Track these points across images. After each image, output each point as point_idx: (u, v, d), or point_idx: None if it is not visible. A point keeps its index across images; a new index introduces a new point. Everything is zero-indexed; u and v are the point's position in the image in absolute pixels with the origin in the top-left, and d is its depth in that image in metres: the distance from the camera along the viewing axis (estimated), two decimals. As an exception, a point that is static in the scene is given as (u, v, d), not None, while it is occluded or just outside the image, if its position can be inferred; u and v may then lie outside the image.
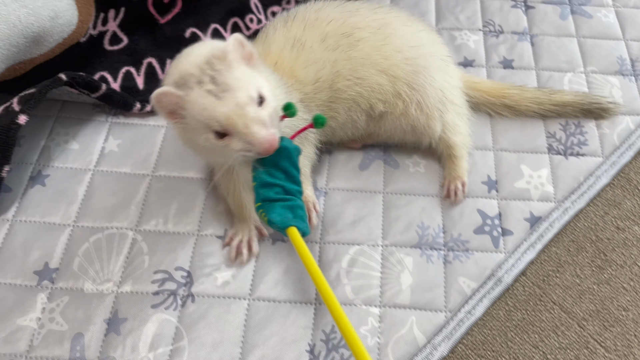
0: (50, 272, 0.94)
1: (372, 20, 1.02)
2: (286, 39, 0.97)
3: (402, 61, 1.00)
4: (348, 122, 1.02)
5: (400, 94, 1.00)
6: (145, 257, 0.96)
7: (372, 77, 0.98)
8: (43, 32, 1.03)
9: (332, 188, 1.06)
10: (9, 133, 0.96)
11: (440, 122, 1.03)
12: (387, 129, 1.04)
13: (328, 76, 0.97)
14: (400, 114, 1.01)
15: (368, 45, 0.99)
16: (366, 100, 1.00)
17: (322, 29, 0.98)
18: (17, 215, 1.00)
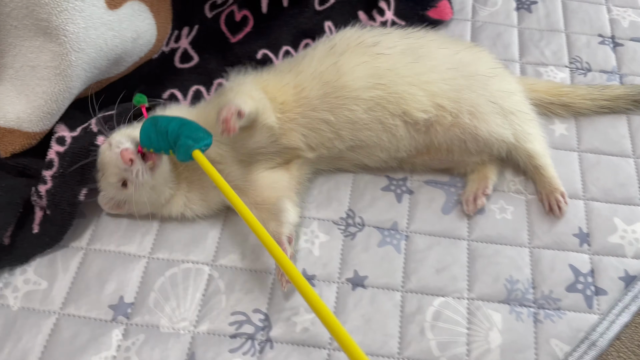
0: (125, 306, 0.91)
1: (400, 42, 1.02)
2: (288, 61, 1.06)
3: (438, 81, 0.98)
4: (376, 125, 0.98)
5: (443, 106, 0.97)
6: (222, 296, 0.92)
7: (398, 86, 0.97)
8: (124, 53, 1.00)
9: (414, 231, 1.01)
10: (88, 154, 0.93)
11: (510, 129, 1.00)
12: (440, 140, 1.00)
13: (319, 75, 0.98)
14: (451, 125, 0.98)
15: (393, 60, 0.98)
16: (395, 106, 0.97)
17: (331, 43, 1.02)
18: (92, 243, 0.97)
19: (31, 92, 0.91)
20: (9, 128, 0.94)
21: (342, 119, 0.97)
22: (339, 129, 0.98)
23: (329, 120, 0.97)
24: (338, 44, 1.03)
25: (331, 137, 0.99)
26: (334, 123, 0.98)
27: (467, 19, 1.32)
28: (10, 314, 0.89)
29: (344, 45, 1.02)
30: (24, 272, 0.93)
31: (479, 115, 0.99)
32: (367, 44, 1.02)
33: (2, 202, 0.92)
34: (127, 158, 0.85)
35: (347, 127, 0.98)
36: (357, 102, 0.97)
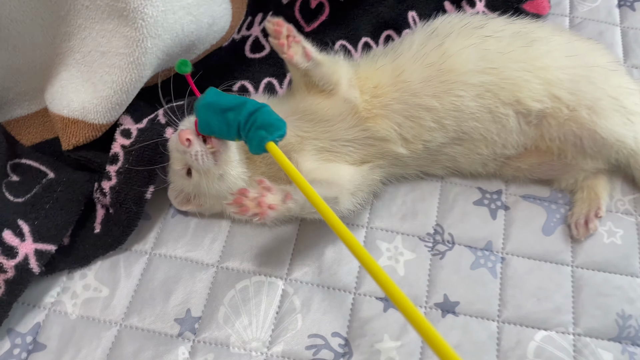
0: (192, 321, 0.82)
1: (508, 27, 0.93)
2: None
3: (554, 68, 0.87)
4: (485, 114, 0.87)
5: (558, 97, 0.86)
6: (298, 315, 0.83)
7: (511, 71, 0.86)
8: (198, 40, 0.91)
9: (511, 253, 0.90)
10: (157, 150, 0.84)
11: (629, 131, 0.88)
12: (553, 136, 0.89)
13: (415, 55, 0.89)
14: (568, 119, 0.87)
15: (504, 42, 0.88)
16: (508, 93, 0.86)
17: (431, 28, 0.93)
18: (156, 247, 0.89)
19: (99, 81, 0.83)
20: (73, 118, 0.85)
21: (448, 106, 0.86)
22: (442, 118, 0.87)
23: (433, 107, 0.86)
24: (440, 27, 0.93)
25: (433, 126, 0.87)
26: (438, 110, 0.86)
27: (565, 15, 1.19)
28: (69, 322, 0.82)
29: (448, 28, 0.92)
30: (84, 277, 0.86)
31: (598, 111, 0.86)
32: (473, 26, 0.91)
33: (63, 199, 0.85)
34: (184, 138, 0.76)
35: (451, 116, 0.87)
36: (465, 87, 0.86)
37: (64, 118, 0.86)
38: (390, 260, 0.88)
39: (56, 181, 0.87)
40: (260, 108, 0.74)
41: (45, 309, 0.83)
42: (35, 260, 0.79)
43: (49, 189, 0.85)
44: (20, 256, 0.79)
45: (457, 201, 0.95)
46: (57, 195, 0.85)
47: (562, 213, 0.94)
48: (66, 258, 0.84)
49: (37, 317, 0.82)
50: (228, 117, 0.74)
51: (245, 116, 0.73)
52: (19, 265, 0.78)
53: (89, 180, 0.88)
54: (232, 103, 0.74)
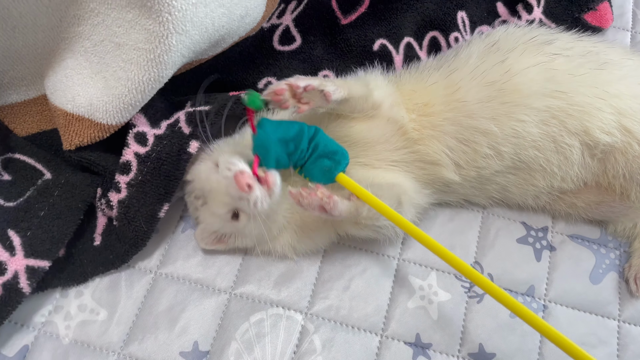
0: (200, 355, 0.74)
1: (578, 44, 0.83)
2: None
3: (628, 97, 0.78)
4: (548, 143, 0.78)
5: (630, 131, 0.78)
6: (319, 357, 0.75)
7: (582, 97, 0.77)
8: (228, 34, 0.79)
9: (554, 301, 0.82)
10: (179, 164, 0.74)
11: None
12: (617, 173, 0.80)
13: (474, 72, 0.79)
14: (637, 156, 0.78)
15: (574, 63, 0.80)
16: (576, 121, 0.77)
17: (491, 39, 0.84)
18: (163, 266, 0.79)
19: (111, 76, 0.71)
20: (77, 115, 0.74)
21: (507, 131, 0.77)
22: (499, 144, 0.78)
23: (490, 131, 0.77)
24: (501, 39, 0.83)
25: (488, 153, 0.78)
26: (496, 135, 0.77)
27: (626, 29, 1.07)
28: (60, 347, 0.73)
29: (511, 42, 0.82)
30: (80, 295, 0.76)
31: None
32: (540, 41, 0.82)
33: (60, 206, 0.74)
34: (244, 183, 0.66)
35: (510, 143, 0.78)
36: (529, 111, 0.77)
37: (67, 113, 0.74)
38: (423, 301, 0.80)
39: (53, 183, 0.76)
40: (316, 133, 0.72)
41: (34, 330, 0.74)
42: (26, 279, 0.69)
43: (45, 192, 0.75)
44: (9, 273, 0.69)
45: (499, 237, 0.86)
46: (54, 201, 0.74)
47: (612, 258, 0.86)
48: (60, 273, 0.75)
49: (25, 338, 0.73)
50: (289, 148, 0.71)
51: (306, 144, 0.71)
52: (7, 283, 0.69)
53: (90, 184, 0.77)
54: (292, 132, 0.71)
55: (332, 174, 0.70)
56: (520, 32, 0.84)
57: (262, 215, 0.70)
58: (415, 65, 0.88)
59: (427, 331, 0.78)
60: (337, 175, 0.71)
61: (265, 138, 0.69)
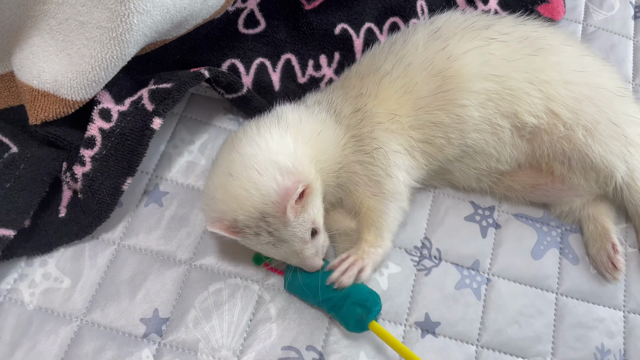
0: (160, 322, 0.78)
1: (517, 29, 0.87)
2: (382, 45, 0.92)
3: (558, 82, 0.83)
4: (485, 125, 0.83)
5: (557, 114, 0.83)
6: (273, 325, 0.79)
7: (514, 81, 0.82)
8: (190, 15, 0.82)
9: (497, 274, 0.87)
10: (141, 140, 0.77)
11: (623, 161, 0.85)
12: (543, 152, 0.85)
13: (426, 63, 0.82)
14: (561, 137, 0.84)
15: (509, 48, 0.84)
16: (507, 104, 0.82)
17: (434, 26, 0.87)
18: (126, 238, 0.82)
19: (76, 53, 0.74)
20: (43, 91, 0.77)
21: (453, 119, 0.82)
22: (449, 132, 0.82)
23: (442, 121, 0.82)
24: (443, 26, 0.87)
25: (443, 143, 0.83)
26: (446, 125, 0.82)
27: (578, 21, 1.13)
28: (25, 313, 0.76)
29: (452, 28, 0.86)
30: (44, 264, 0.79)
31: (596, 135, 0.83)
32: (478, 27, 0.86)
33: (26, 178, 0.77)
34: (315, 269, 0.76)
35: (456, 129, 0.82)
36: (469, 95, 0.81)
37: (32, 89, 0.77)
38: (374, 273, 0.84)
39: (19, 157, 0.79)
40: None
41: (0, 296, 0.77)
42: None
43: (11, 165, 0.78)
44: (-26, 241, 0.72)
45: (448, 215, 0.91)
46: (20, 173, 0.77)
47: (553, 236, 0.91)
48: (25, 243, 0.78)
49: (-10, 304, 0.76)
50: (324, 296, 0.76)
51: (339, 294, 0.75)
52: (-27, 250, 0.71)
53: (56, 158, 0.80)
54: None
55: (365, 323, 0.74)
56: (461, 18, 0.89)
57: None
58: (368, 63, 0.90)
59: (377, 301, 0.83)
60: (369, 323, 0.74)
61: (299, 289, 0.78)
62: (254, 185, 0.70)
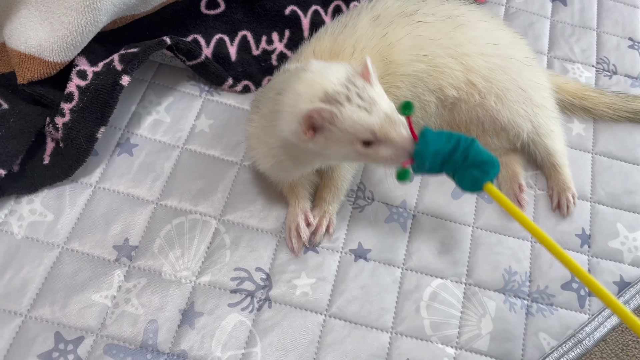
0: (129, 249, 0.91)
1: (441, 9, 0.98)
2: (334, 27, 0.99)
3: (476, 54, 0.96)
4: (415, 101, 0.94)
5: (474, 83, 0.96)
6: (227, 251, 0.93)
7: (439, 58, 0.94)
8: (156, -8, 0.97)
9: (421, 212, 1.02)
10: (112, 94, 0.91)
11: (528, 121, 1.00)
12: (462, 119, 0.99)
13: (375, 48, 0.92)
14: (476, 104, 0.97)
15: (435, 28, 0.95)
16: (434, 80, 0.95)
17: (375, 12, 0.97)
18: (101, 182, 0.96)
19: (56, 21, 0.89)
20: (29, 54, 0.91)
21: (392, 98, 0.91)
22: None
23: None
24: (382, 14, 0.98)
25: None
26: None
27: (501, 4, 1.29)
28: (14, 241, 0.89)
29: (389, 16, 0.97)
30: (31, 202, 0.93)
31: (505, 101, 0.98)
32: (408, 12, 0.98)
33: (15, 129, 0.91)
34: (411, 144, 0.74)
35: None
36: (403, 78, 0.94)
37: (20, 53, 0.91)
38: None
39: (9, 112, 0.93)
40: (471, 144, 0.75)
41: (-8, 228, 0.90)
42: (-15, 183, 0.86)
43: (2, 118, 0.91)
44: (-29, 176, 0.85)
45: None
46: (10, 125, 0.91)
47: (472, 181, 1.06)
48: (15, 184, 0.91)
49: (-16, 235, 0.90)
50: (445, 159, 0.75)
51: (459, 155, 0.75)
52: (-31, 185, 0.85)
53: (41, 114, 0.94)
54: (450, 145, 0.75)
55: (480, 184, 0.75)
56: (395, 4, 0.99)
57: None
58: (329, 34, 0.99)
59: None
60: (484, 184, 0.75)
61: (424, 149, 0.74)
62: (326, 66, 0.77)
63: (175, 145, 1.01)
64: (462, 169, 0.75)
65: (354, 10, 1.08)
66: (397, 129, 0.74)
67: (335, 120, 0.72)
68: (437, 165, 0.76)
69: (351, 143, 0.75)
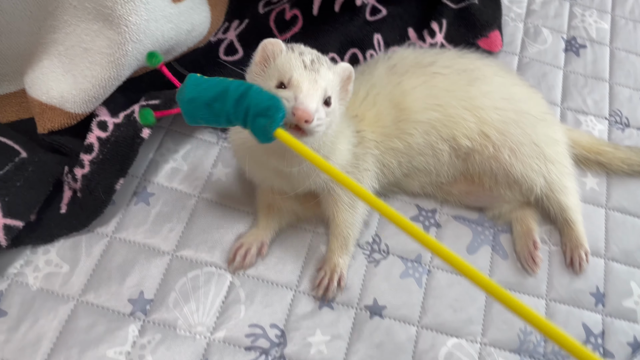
0: (144, 302, 0.91)
1: (457, 62, 1.01)
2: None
3: (490, 108, 0.97)
4: (428, 149, 0.98)
5: (488, 135, 0.97)
6: (242, 306, 0.93)
7: (453, 109, 0.96)
8: (177, 44, 0.98)
9: (437, 266, 1.01)
10: (132, 146, 0.92)
11: (541, 176, 1.00)
12: (475, 170, 1.00)
13: (389, 94, 0.95)
14: (490, 156, 0.98)
15: (450, 80, 0.98)
16: (448, 129, 0.97)
17: (391, 62, 1.00)
18: (117, 231, 0.96)
19: (79, 74, 0.89)
20: (50, 105, 0.91)
21: (405, 146, 0.96)
22: (400, 157, 0.97)
23: (398, 148, 0.96)
24: (398, 63, 1.01)
25: (394, 166, 0.98)
26: (400, 151, 0.97)
27: (515, 53, 1.30)
28: (29, 293, 0.89)
29: (404, 66, 1.00)
30: (47, 252, 0.92)
31: (518, 155, 0.98)
32: (424, 64, 1.01)
33: (34, 179, 0.91)
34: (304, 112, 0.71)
35: (406, 154, 0.97)
36: (417, 125, 0.96)
37: (41, 103, 0.91)
38: (330, 264, 0.98)
39: (28, 161, 0.92)
40: (246, 92, 0.68)
41: (8, 279, 0.89)
42: (4, 235, 0.85)
43: (21, 167, 0.91)
44: (-11, 229, 0.85)
45: (396, 216, 1.05)
46: (28, 175, 0.91)
47: (487, 235, 1.06)
48: (31, 233, 0.91)
49: (0, 286, 0.89)
50: (214, 109, 0.69)
51: (232, 105, 0.68)
52: (-12, 237, 0.84)
53: (59, 162, 0.94)
54: (215, 92, 0.69)
55: (270, 133, 0.68)
56: (412, 55, 1.03)
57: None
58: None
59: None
60: (274, 132, 0.68)
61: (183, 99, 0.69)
62: None
63: (191, 194, 1.01)
64: (250, 121, 0.69)
65: (372, 60, 1.10)
66: (310, 89, 0.75)
67: (277, 57, 0.80)
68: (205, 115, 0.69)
69: (270, 80, 0.78)
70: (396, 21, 1.26)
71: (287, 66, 0.77)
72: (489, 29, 1.25)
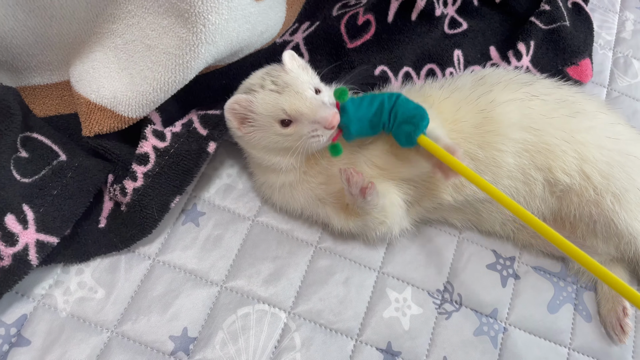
0: (188, 341, 0.79)
1: (555, 91, 0.92)
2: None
3: (593, 145, 0.87)
4: (519, 174, 0.86)
5: (589, 176, 0.86)
6: (297, 354, 0.81)
7: (550, 137, 0.86)
8: (247, 46, 0.86)
9: (514, 324, 0.90)
10: (198, 161, 0.80)
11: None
12: (570, 212, 0.88)
13: (473, 99, 0.88)
14: (590, 201, 0.87)
15: (549, 107, 0.88)
16: (543, 158, 0.86)
17: (479, 75, 0.93)
18: (162, 254, 0.84)
19: (138, 74, 0.77)
20: (100, 105, 0.79)
21: (490, 159, 0.85)
22: (482, 172, 0.85)
23: (477, 156, 0.85)
24: (488, 75, 0.92)
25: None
26: (481, 161, 0.85)
27: (603, 85, 1.18)
28: (57, 320, 0.77)
29: (496, 77, 0.91)
30: (80, 273, 0.81)
31: (623, 202, 0.86)
32: (521, 81, 0.90)
33: (73, 187, 0.79)
34: (332, 123, 0.75)
35: (491, 171, 0.86)
36: (507, 141, 0.85)
37: (90, 102, 0.79)
38: (397, 312, 0.87)
39: (67, 165, 0.81)
40: (396, 101, 0.78)
41: (34, 301, 0.78)
42: (35, 252, 0.74)
43: (59, 173, 0.79)
44: (20, 245, 0.73)
45: (471, 261, 0.93)
46: (67, 182, 0.79)
47: (569, 292, 0.94)
48: (64, 250, 0.79)
49: (25, 308, 0.77)
50: (374, 122, 0.78)
51: (387, 116, 0.78)
52: (18, 254, 0.73)
53: (102, 169, 0.82)
54: (375, 108, 0.78)
55: (413, 138, 0.75)
56: (505, 71, 0.94)
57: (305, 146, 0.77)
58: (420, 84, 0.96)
59: (398, 340, 0.85)
60: (417, 138, 0.75)
61: (346, 119, 0.77)
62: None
63: (246, 216, 0.89)
64: (395, 127, 0.78)
65: (455, 76, 0.98)
66: (308, 103, 0.76)
67: (252, 106, 0.77)
68: (366, 129, 0.79)
69: (272, 125, 0.77)
70: (477, 37, 1.13)
71: (269, 106, 0.77)
72: (580, 56, 1.13)
